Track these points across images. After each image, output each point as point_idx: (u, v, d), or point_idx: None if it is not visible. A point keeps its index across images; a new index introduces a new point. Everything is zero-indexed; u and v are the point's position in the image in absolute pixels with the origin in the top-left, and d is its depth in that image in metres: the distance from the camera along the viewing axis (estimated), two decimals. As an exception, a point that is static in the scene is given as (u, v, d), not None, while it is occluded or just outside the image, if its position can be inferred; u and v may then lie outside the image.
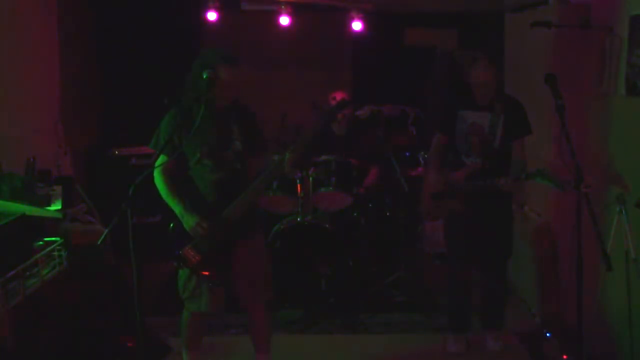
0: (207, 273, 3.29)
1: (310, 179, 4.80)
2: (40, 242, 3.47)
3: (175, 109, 3.30)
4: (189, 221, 3.21)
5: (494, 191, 3.71)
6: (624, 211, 3.51)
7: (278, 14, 5.70)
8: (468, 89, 3.82)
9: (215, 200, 3.28)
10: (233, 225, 3.25)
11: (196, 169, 3.29)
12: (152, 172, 3.18)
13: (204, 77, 3.12)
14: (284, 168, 3.25)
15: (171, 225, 3.29)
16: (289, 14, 5.70)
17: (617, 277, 3.52)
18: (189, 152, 3.28)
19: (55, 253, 3.50)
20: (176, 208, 3.25)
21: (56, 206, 3.86)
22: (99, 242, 2.86)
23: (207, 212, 3.24)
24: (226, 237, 3.26)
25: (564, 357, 3.78)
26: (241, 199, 3.25)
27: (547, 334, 4.08)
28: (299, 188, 4.77)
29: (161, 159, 3.25)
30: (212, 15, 5.79)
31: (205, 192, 3.30)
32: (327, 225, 4.70)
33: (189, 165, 3.31)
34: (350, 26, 5.77)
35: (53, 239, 3.54)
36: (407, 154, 5.79)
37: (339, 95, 5.15)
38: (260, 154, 3.44)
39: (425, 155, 5.19)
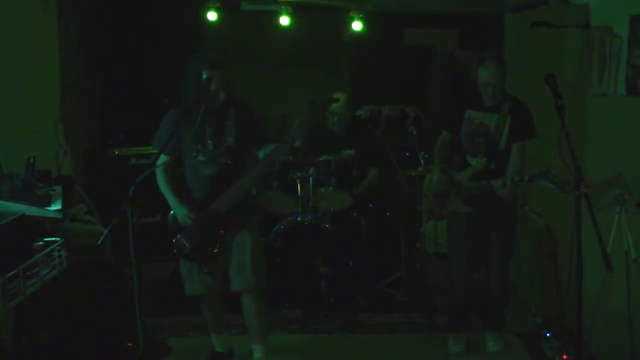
0: (196, 259, 3.49)
1: (310, 179, 4.79)
2: (40, 242, 3.47)
3: (176, 109, 3.45)
4: (180, 212, 3.43)
5: (493, 192, 3.71)
6: (624, 211, 3.51)
7: (278, 14, 5.69)
8: (475, 88, 3.81)
9: (206, 193, 3.44)
10: (224, 216, 3.41)
11: (190, 164, 3.46)
12: (152, 172, 3.26)
13: (204, 77, 3.22)
14: (274, 156, 3.46)
15: (171, 213, 3.52)
16: (289, 14, 5.70)
17: (617, 277, 3.52)
18: (186, 150, 3.46)
19: (56, 253, 3.50)
20: (171, 200, 3.47)
21: (56, 206, 3.87)
22: (99, 242, 2.88)
23: (198, 205, 3.42)
24: (216, 227, 3.43)
25: (564, 357, 3.78)
26: (230, 191, 3.39)
27: (547, 334, 4.08)
28: (299, 188, 4.77)
29: (162, 159, 3.44)
30: (212, 15, 5.79)
31: (197, 185, 3.48)
32: (327, 225, 4.70)
33: (184, 161, 3.49)
34: (350, 26, 5.76)
35: (53, 239, 3.54)
36: (407, 154, 5.78)
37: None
38: (255, 149, 3.52)
39: (426, 155, 5.18)
